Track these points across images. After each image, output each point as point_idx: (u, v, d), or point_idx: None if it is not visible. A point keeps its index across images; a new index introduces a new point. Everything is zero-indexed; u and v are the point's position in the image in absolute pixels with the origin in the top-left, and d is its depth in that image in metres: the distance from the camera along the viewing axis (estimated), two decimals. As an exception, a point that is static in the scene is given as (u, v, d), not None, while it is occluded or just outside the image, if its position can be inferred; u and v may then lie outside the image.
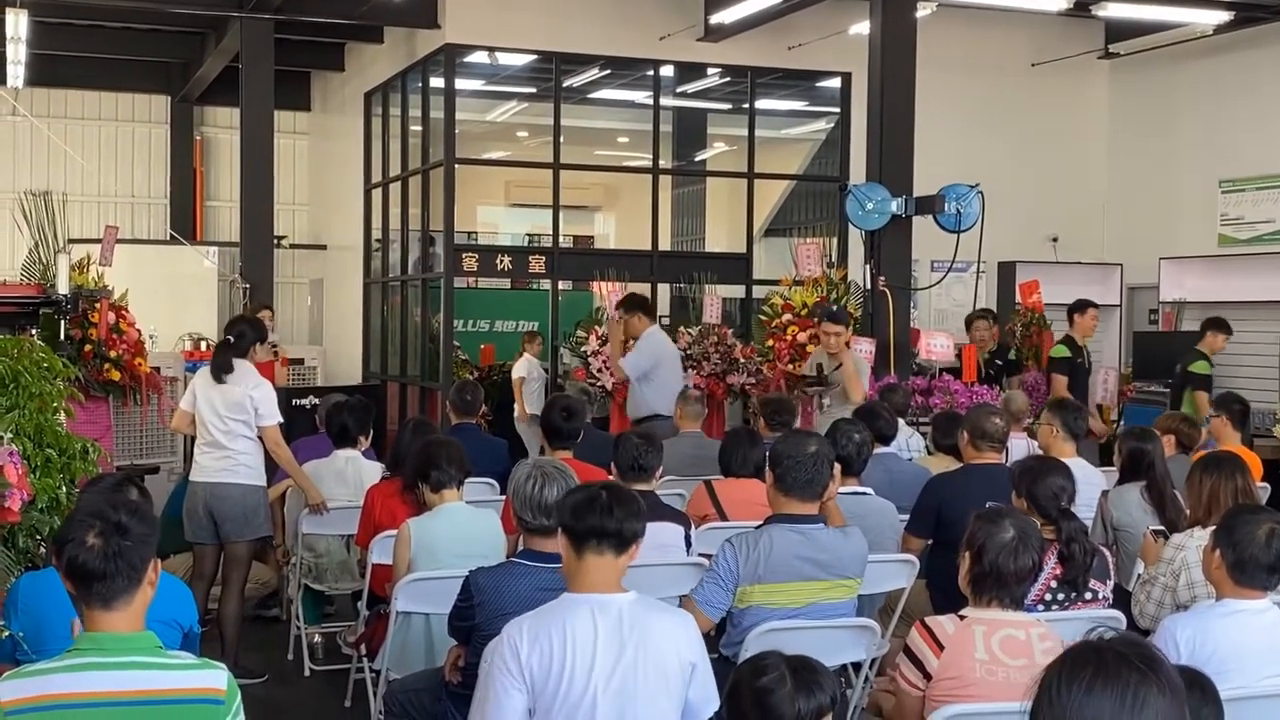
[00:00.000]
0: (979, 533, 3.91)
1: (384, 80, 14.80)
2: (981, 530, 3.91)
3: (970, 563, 3.91)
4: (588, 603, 3.69)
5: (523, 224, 18.38)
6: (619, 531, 3.72)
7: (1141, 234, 14.11)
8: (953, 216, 10.32)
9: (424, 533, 5.33)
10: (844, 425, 6.20)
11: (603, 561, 3.72)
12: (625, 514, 3.74)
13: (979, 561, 3.88)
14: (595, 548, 3.71)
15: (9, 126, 17.24)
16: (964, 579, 3.95)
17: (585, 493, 3.82)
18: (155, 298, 13.30)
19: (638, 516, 3.78)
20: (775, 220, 16.32)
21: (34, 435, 5.17)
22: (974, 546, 3.90)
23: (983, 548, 3.87)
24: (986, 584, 3.87)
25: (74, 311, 8.31)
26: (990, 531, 3.88)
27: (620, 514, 3.73)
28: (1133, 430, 6.56)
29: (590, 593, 3.71)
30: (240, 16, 12.61)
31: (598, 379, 11.81)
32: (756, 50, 13.32)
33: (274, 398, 7.07)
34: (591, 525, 3.71)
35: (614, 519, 3.71)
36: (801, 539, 4.69)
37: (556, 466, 4.48)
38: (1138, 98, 14.59)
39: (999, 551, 3.85)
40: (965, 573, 3.94)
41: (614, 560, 3.74)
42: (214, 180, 18.57)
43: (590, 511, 3.72)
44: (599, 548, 3.71)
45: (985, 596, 3.88)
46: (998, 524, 3.90)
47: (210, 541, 7.12)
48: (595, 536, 3.70)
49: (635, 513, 3.77)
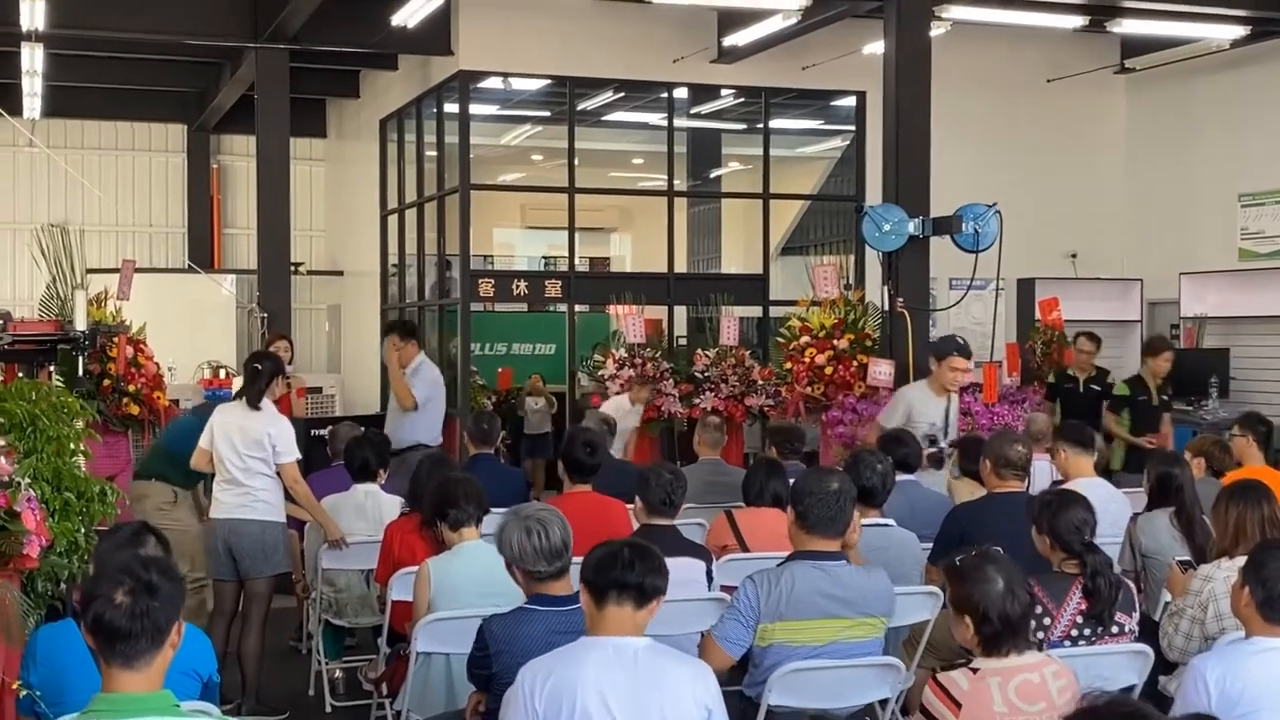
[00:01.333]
0: (972, 594, 3.83)
1: (399, 107, 14.83)
2: (974, 591, 3.82)
3: (976, 624, 3.83)
4: (604, 645, 3.77)
5: (539, 246, 18.38)
6: (640, 585, 3.78)
7: (1161, 249, 14.03)
8: (971, 236, 10.27)
9: (444, 572, 5.30)
10: (866, 456, 6.15)
11: (622, 613, 3.78)
12: (646, 569, 3.81)
13: (987, 621, 3.80)
14: (616, 599, 3.78)
15: (26, 158, 17.31)
16: (972, 641, 3.86)
17: (608, 549, 3.89)
18: (173, 327, 13.33)
19: (659, 572, 3.84)
20: (792, 238, 16.29)
21: (52, 479, 5.15)
22: (972, 608, 3.82)
23: (984, 606, 3.80)
24: (1003, 638, 3.80)
25: (92, 347, 8.31)
26: (984, 590, 3.81)
27: (641, 569, 3.80)
28: (1161, 454, 6.50)
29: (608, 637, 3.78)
30: (256, 47, 12.62)
31: (616, 403, 11.80)
32: (770, 71, 13.31)
33: (292, 434, 7.06)
34: (613, 578, 3.78)
35: (635, 573, 3.78)
36: (824, 576, 4.64)
37: (541, 509, 4.54)
38: (1155, 112, 14.52)
39: (1000, 602, 3.80)
40: (973, 635, 3.85)
41: (633, 613, 3.79)
42: (231, 208, 18.61)
43: (612, 566, 3.80)
44: (619, 599, 3.77)
45: (1003, 648, 3.82)
46: (984, 578, 3.82)
47: (230, 578, 7.10)
48: (616, 588, 3.77)
49: (657, 568, 3.83)
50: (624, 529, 6.26)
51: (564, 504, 6.47)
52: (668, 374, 12.10)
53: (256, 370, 7.06)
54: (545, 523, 4.41)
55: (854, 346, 10.82)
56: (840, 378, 10.70)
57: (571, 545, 4.48)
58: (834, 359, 10.77)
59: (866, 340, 10.87)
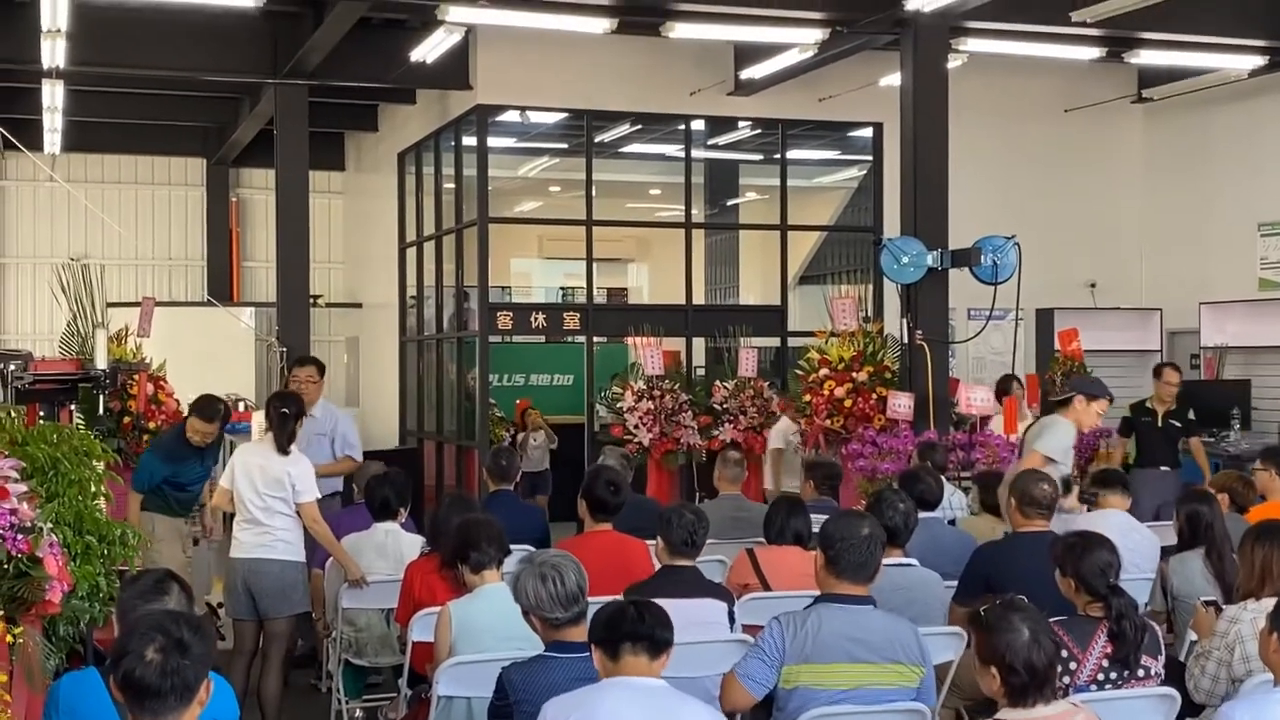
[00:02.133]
0: (997, 645, 3.79)
1: (417, 140, 14.89)
2: (999, 642, 3.79)
3: (1002, 675, 3.79)
4: (627, 684, 3.88)
5: (557, 276, 18.40)
6: (651, 634, 3.90)
7: (1180, 278, 13.98)
8: (990, 269, 10.27)
9: (465, 615, 5.28)
10: (889, 494, 6.12)
11: (639, 661, 3.88)
12: (655, 621, 3.93)
13: (1013, 672, 3.76)
14: (631, 650, 3.88)
15: (47, 192, 17.42)
16: (998, 692, 3.82)
17: (613, 607, 4.00)
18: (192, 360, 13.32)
19: (667, 625, 3.95)
20: (810, 267, 16.28)
21: (74, 522, 5.15)
22: (998, 658, 3.79)
23: (1010, 657, 3.76)
24: (1030, 689, 3.76)
25: (113, 385, 8.33)
26: (1009, 641, 3.77)
27: (651, 620, 3.91)
28: (1188, 492, 6.45)
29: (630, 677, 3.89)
30: (275, 82, 12.69)
31: (634, 435, 11.79)
32: (787, 103, 13.34)
33: (312, 474, 7.06)
34: (626, 631, 3.88)
35: (646, 625, 3.90)
36: (851, 620, 4.60)
37: (556, 555, 4.57)
38: (1173, 142, 14.50)
39: (1026, 652, 3.76)
40: (999, 686, 3.81)
41: (649, 662, 3.90)
42: (250, 241, 18.69)
43: (622, 621, 3.91)
44: (634, 650, 3.88)
45: (1030, 699, 3.78)
46: (1009, 628, 3.79)
47: (249, 617, 7.09)
48: (630, 640, 3.88)
49: (665, 622, 3.95)
50: (645, 569, 6.24)
51: (585, 544, 6.49)
52: (686, 406, 12.08)
53: (284, 415, 7.05)
54: (560, 569, 4.41)
55: (873, 379, 10.78)
56: (860, 410, 10.66)
57: (587, 590, 4.47)
58: (853, 391, 10.74)
59: (885, 372, 10.84)
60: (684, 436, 11.89)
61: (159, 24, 12.03)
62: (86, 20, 10.89)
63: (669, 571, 5.64)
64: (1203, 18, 11.26)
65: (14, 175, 17.63)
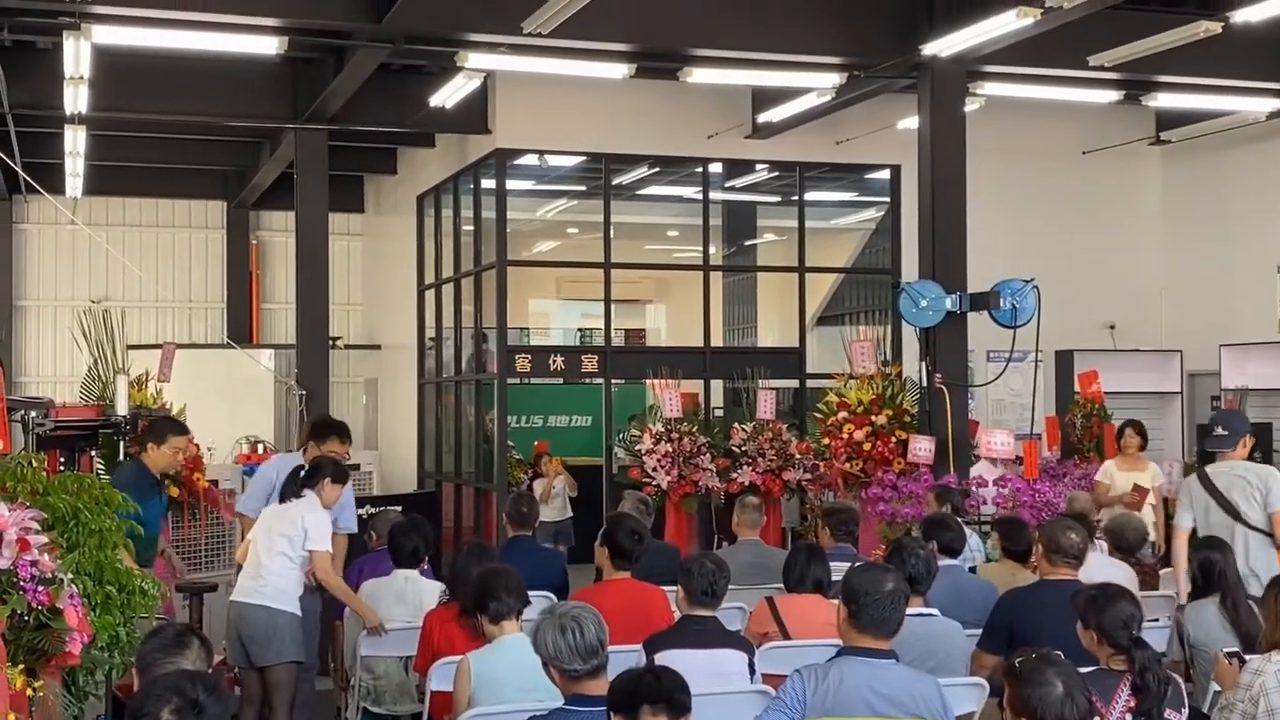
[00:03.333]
0: (1030, 698, 3.76)
1: (437, 183, 14.96)
2: (1032, 695, 3.76)
3: None
4: None
5: (575, 317, 18.42)
6: (669, 697, 3.87)
7: (1201, 320, 13.93)
8: (1009, 312, 10.27)
9: (485, 666, 5.26)
10: (909, 543, 6.09)
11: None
12: (673, 684, 3.90)
13: None
14: (650, 712, 3.85)
15: (68, 235, 17.54)
16: None
17: (629, 674, 4.00)
18: (211, 402, 13.40)
19: (685, 690, 3.93)
20: (829, 307, 16.28)
21: (94, 572, 5.16)
22: (1029, 711, 3.76)
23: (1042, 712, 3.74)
24: None
25: (133, 431, 8.34)
26: (1042, 695, 3.75)
27: (669, 683, 3.89)
28: (1204, 540, 6.40)
29: None
30: (295, 127, 12.78)
31: (652, 478, 11.76)
32: (805, 146, 13.38)
33: (327, 526, 7.03)
34: (645, 694, 3.87)
35: (664, 686, 3.88)
36: (873, 674, 4.57)
37: (576, 607, 4.56)
38: (1191, 183, 14.49)
39: (1059, 708, 3.73)
40: None
41: None
42: (269, 283, 18.77)
43: (640, 685, 3.90)
44: (654, 711, 3.85)
45: None
46: (1043, 681, 3.76)
47: (247, 665, 7.05)
48: (650, 702, 3.85)
49: (683, 685, 3.93)
50: (664, 618, 6.22)
51: (603, 592, 6.47)
52: (705, 448, 12.05)
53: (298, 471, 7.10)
54: (580, 620, 4.39)
55: (892, 422, 10.77)
56: (879, 453, 10.64)
57: (607, 642, 4.45)
58: (872, 435, 10.72)
59: (905, 416, 10.82)
60: (702, 479, 11.84)
61: (181, 71, 12.14)
62: (109, 67, 10.98)
63: (689, 621, 5.62)
64: (1219, 61, 11.26)
65: (35, 218, 17.75)
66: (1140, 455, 10.59)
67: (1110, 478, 10.46)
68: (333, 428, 8.03)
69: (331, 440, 7.84)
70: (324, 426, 8.08)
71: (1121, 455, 10.59)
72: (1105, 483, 10.44)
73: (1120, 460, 10.57)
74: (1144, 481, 10.29)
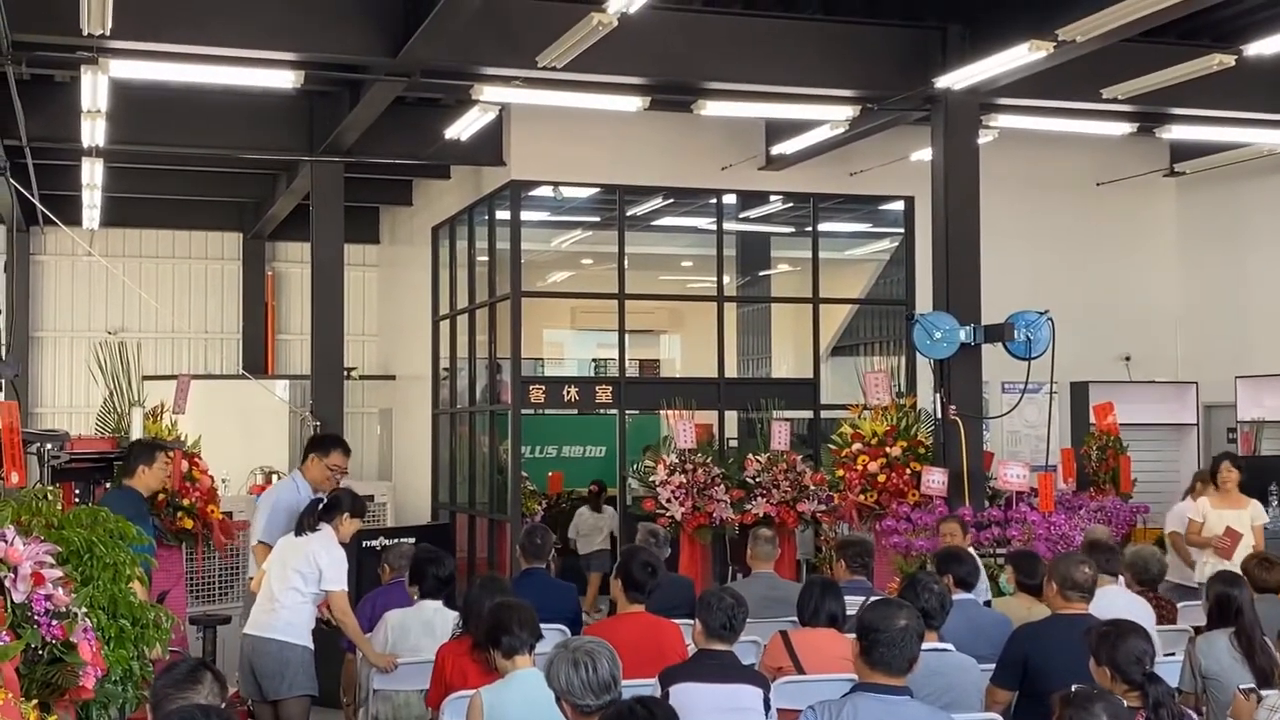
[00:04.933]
0: None
1: (452, 214, 15.01)
2: None
3: None
4: None
5: (589, 347, 18.43)
6: None
7: (1216, 352, 13.91)
8: (1023, 344, 10.25)
9: (497, 701, 5.25)
10: (923, 577, 6.07)
11: None
12: (665, 715, 3.87)
13: None
14: None
15: (85, 266, 17.62)
16: None
17: (617, 709, 3.97)
18: (227, 432, 13.42)
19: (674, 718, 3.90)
20: (843, 338, 16.27)
21: (108, 606, 5.16)
22: None
23: None
24: None
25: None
26: None
27: (661, 715, 3.85)
28: (1219, 574, 6.39)
29: None
30: (311, 160, 12.85)
31: (666, 509, 11.75)
32: (818, 177, 13.40)
33: (343, 564, 7.04)
34: None
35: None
36: (887, 710, 4.56)
37: (590, 642, 4.54)
38: (1206, 215, 14.47)
39: None
40: None
41: None
42: (285, 314, 18.82)
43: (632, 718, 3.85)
44: None
45: None
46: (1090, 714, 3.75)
47: (259, 698, 7.06)
48: None
49: (673, 716, 3.91)
50: (679, 652, 6.21)
51: (617, 626, 6.46)
52: (719, 479, 12.04)
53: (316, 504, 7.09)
54: (594, 655, 4.38)
55: (907, 454, 10.74)
56: (893, 485, 10.62)
57: (621, 678, 4.44)
58: (886, 466, 10.70)
59: (919, 447, 10.80)
60: (716, 510, 11.84)
61: (198, 104, 12.22)
62: (126, 100, 11.06)
63: (705, 656, 5.60)
64: (1233, 94, 11.26)
65: (52, 250, 17.83)
66: (1238, 492, 9.91)
67: (1203, 516, 9.90)
68: (335, 440, 8.10)
69: (336, 453, 7.89)
70: (326, 440, 8.14)
71: (1218, 492, 9.93)
72: (1198, 521, 9.88)
73: (1216, 497, 9.93)
74: (1243, 521, 9.73)
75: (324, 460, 7.80)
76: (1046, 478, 10.17)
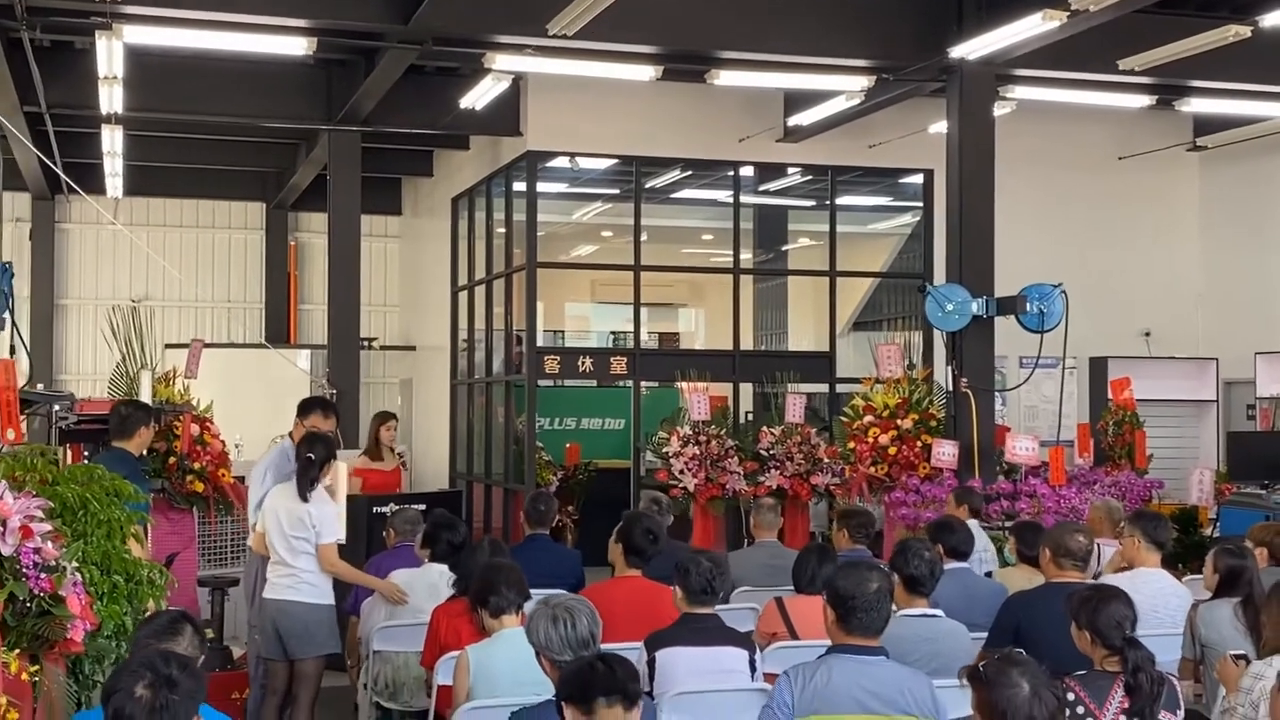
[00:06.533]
0: (997, 701, 3.72)
1: (470, 185, 15.04)
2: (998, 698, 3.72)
3: None
4: None
5: (611, 320, 18.45)
6: (624, 688, 3.76)
7: (1237, 327, 13.80)
8: (1035, 317, 10.21)
9: (483, 659, 5.30)
10: (914, 544, 6.07)
11: (614, 713, 3.75)
12: (626, 675, 3.80)
13: None
14: (606, 704, 3.74)
15: (109, 235, 17.75)
16: None
17: (577, 664, 3.92)
18: (249, 401, 13.52)
19: (636, 678, 3.84)
20: (863, 313, 16.23)
21: (101, 562, 5.22)
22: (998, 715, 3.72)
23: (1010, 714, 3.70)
24: None
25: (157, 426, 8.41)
26: (1009, 696, 3.71)
27: (622, 674, 3.79)
28: (1229, 546, 6.34)
29: None
30: (328, 129, 12.89)
31: (679, 480, 11.77)
32: (836, 149, 13.35)
33: (334, 516, 7.12)
34: (599, 686, 3.75)
35: (618, 677, 3.77)
36: (863, 671, 4.57)
37: (570, 599, 4.57)
38: (1229, 189, 14.35)
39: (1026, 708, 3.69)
40: None
41: (624, 714, 3.76)
42: (307, 284, 18.89)
43: (593, 675, 3.78)
44: (609, 703, 3.74)
45: None
46: (1008, 683, 3.71)
47: (280, 658, 7.14)
48: (604, 694, 3.74)
49: (634, 674, 3.84)
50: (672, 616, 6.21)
51: (612, 589, 6.49)
52: (732, 451, 12.05)
53: (309, 460, 7.11)
54: (573, 612, 4.41)
55: (918, 427, 10.72)
56: (904, 458, 10.60)
57: (600, 636, 4.45)
58: (897, 439, 10.68)
59: (931, 420, 10.77)
60: (729, 482, 11.85)
61: (215, 72, 12.28)
62: (142, 67, 11.13)
63: (690, 619, 5.62)
64: (1252, 66, 11.15)
65: (76, 218, 17.97)
66: None
67: None
68: (314, 403, 8.21)
69: (314, 414, 7.98)
70: (305, 403, 8.24)
71: None
72: None
73: None
74: None
75: (304, 423, 7.88)
76: (1058, 451, 10.13)
